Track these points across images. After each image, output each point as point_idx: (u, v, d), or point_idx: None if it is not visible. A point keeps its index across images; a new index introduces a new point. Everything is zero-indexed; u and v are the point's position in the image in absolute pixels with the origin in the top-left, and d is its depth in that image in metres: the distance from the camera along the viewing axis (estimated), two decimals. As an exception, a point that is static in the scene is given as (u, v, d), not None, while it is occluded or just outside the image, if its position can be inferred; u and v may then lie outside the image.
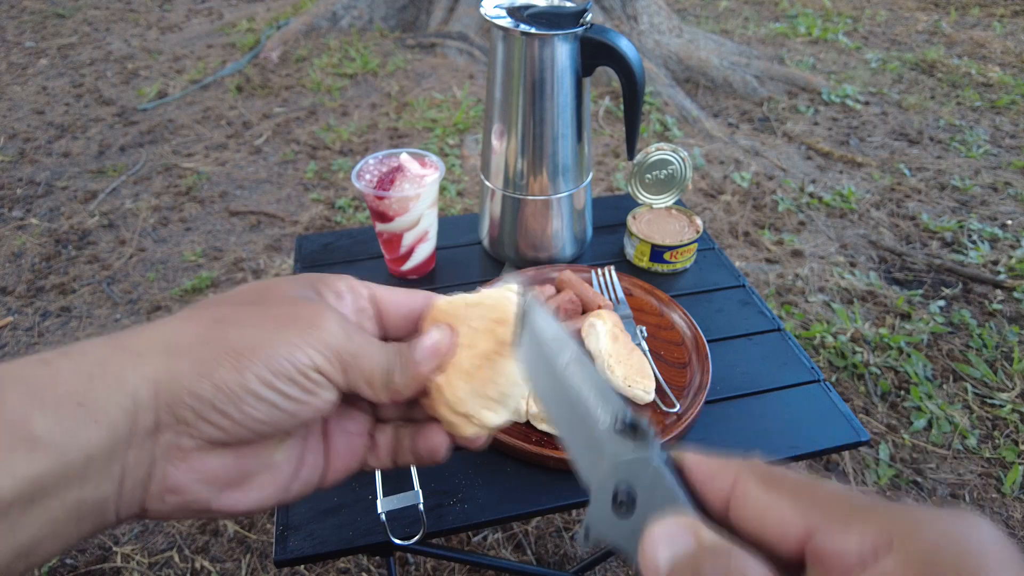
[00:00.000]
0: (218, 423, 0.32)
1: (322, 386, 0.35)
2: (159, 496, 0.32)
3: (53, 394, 0.29)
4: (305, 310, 0.36)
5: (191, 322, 0.34)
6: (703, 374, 0.77)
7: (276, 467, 0.36)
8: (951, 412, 1.55)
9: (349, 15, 3.63)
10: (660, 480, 0.27)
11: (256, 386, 0.32)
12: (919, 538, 0.21)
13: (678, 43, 3.25)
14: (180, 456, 0.32)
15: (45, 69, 3.31)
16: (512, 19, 0.82)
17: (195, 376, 0.32)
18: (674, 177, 0.99)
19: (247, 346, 0.33)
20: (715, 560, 0.24)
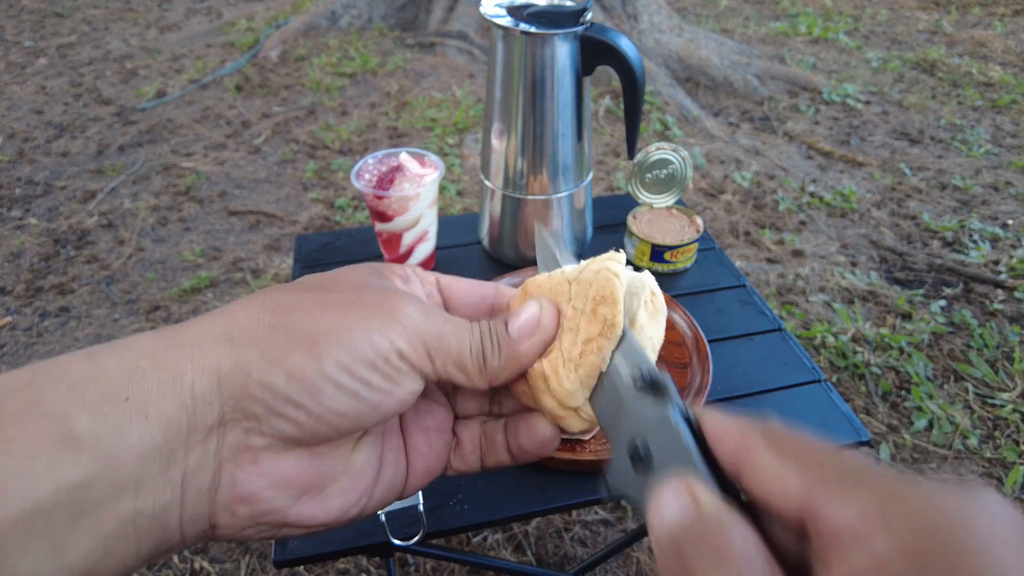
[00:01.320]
0: (293, 417, 0.28)
1: (406, 374, 0.30)
2: (228, 507, 0.28)
3: (96, 389, 0.26)
4: (376, 293, 0.32)
5: (250, 310, 0.30)
6: (703, 374, 0.77)
7: (356, 470, 0.32)
8: (952, 412, 1.55)
9: (348, 14, 3.63)
10: (676, 437, 0.27)
11: (336, 373, 0.28)
12: (915, 514, 0.20)
13: (678, 42, 3.25)
14: (250, 457, 0.28)
15: (44, 68, 3.31)
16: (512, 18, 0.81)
17: (265, 364, 0.28)
18: (674, 177, 0.99)
19: (320, 331, 0.29)
20: (702, 529, 0.23)
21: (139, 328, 1.81)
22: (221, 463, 0.28)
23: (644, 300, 0.34)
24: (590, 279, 0.33)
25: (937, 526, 0.19)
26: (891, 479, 0.21)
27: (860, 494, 0.21)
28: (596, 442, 0.70)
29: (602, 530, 1.32)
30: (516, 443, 0.35)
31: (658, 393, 0.29)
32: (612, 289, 0.32)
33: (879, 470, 0.22)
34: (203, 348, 0.28)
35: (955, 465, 1.45)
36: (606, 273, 0.32)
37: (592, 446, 0.70)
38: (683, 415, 0.28)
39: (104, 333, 1.80)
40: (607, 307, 0.31)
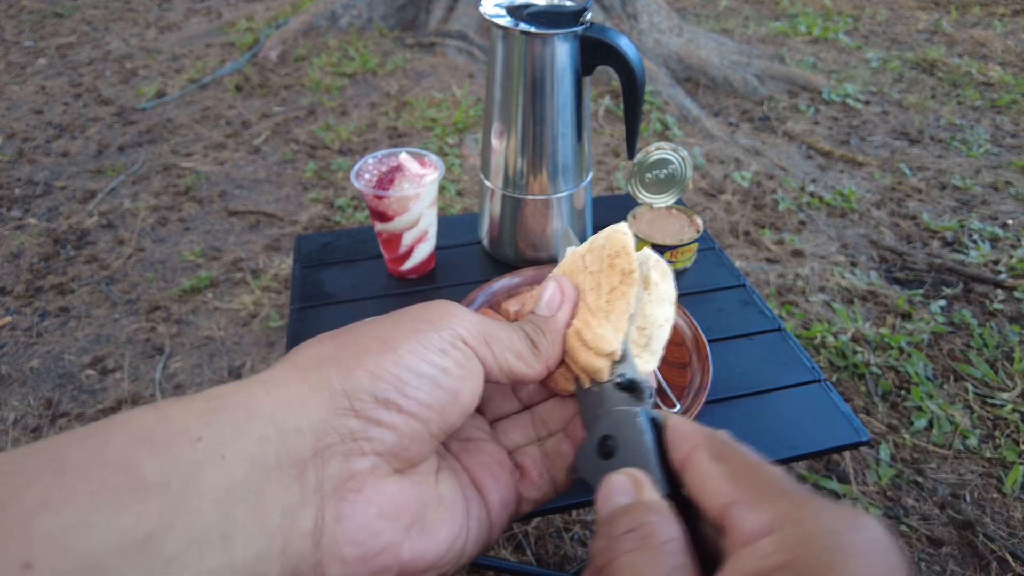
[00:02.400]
0: (388, 422, 0.27)
1: (472, 361, 0.31)
2: (336, 553, 0.26)
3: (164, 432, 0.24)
4: (421, 308, 0.33)
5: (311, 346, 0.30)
6: (703, 374, 0.77)
7: (447, 501, 0.31)
8: (952, 412, 1.55)
9: (348, 14, 3.63)
10: (639, 436, 0.30)
11: (413, 362, 0.29)
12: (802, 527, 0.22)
13: (678, 42, 3.25)
14: (354, 486, 0.27)
15: (43, 68, 3.31)
16: (512, 18, 0.81)
17: (345, 373, 0.27)
18: (674, 176, 0.99)
19: (387, 336, 0.30)
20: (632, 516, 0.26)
21: (139, 328, 1.81)
22: (324, 498, 0.26)
23: (652, 264, 0.38)
24: (601, 243, 0.38)
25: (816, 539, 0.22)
26: (795, 495, 0.24)
27: (766, 506, 0.24)
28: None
29: (602, 530, 1.32)
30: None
31: (634, 395, 0.32)
32: (624, 243, 0.37)
33: (789, 486, 0.25)
34: (276, 382, 0.27)
35: (955, 464, 1.45)
36: (616, 233, 0.37)
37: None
38: (650, 418, 0.31)
39: (104, 333, 1.80)
40: (622, 258, 0.36)
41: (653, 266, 0.37)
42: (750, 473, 0.26)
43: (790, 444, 0.72)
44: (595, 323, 0.35)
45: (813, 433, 0.74)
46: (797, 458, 0.72)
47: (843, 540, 0.21)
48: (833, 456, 1.47)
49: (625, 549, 0.25)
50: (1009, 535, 1.32)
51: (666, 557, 0.24)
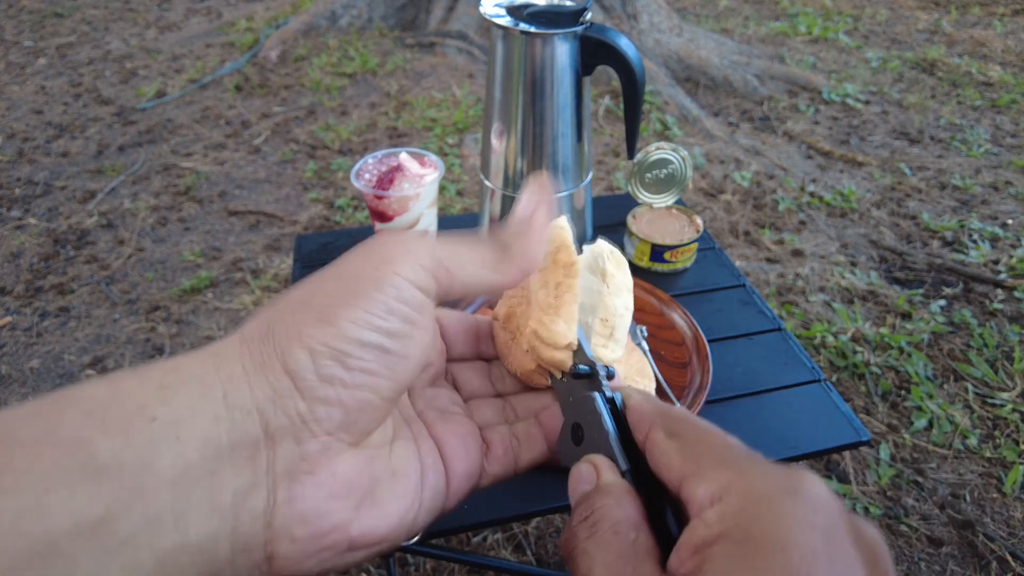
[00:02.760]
0: (333, 397, 0.26)
1: (422, 310, 0.29)
2: (287, 531, 0.25)
3: (118, 411, 0.23)
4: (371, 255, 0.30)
5: (260, 313, 0.29)
6: (703, 374, 0.77)
7: (401, 471, 0.31)
8: (952, 412, 1.55)
9: (348, 14, 3.63)
10: (598, 419, 0.31)
11: (354, 331, 0.27)
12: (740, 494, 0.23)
13: (678, 42, 3.25)
14: (307, 468, 0.26)
15: (43, 68, 3.31)
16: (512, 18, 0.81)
17: (283, 350, 0.26)
18: (674, 176, 0.99)
19: (326, 298, 0.28)
20: (585, 504, 0.26)
21: (139, 328, 1.81)
22: (276, 480, 0.25)
23: (606, 255, 0.39)
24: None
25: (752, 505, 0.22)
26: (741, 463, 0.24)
27: (714, 476, 0.24)
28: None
29: (602, 530, 1.32)
30: (555, 432, 0.36)
31: (590, 380, 0.34)
32: (562, 237, 0.37)
33: (737, 455, 0.25)
34: (224, 356, 0.26)
35: (955, 464, 1.45)
36: (554, 228, 0.38)
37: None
38: (606, 400, 0.32)
39: (104, 333, 1.80)
40: (563, 252, 0.37)
41: (608, 257, 0.38)
42: (699, 445, 0.26)
43: (790, 444, 0.72)
44: (548, 320, 0.35)
45: (813, 433, 0.74)
46: (797, 458, 0.72)
47: (777, 505, 0.22)
48: (833, 456, 1.47)
49: (581, 538, 0.25)
50: (1009, 535, 1.32)
51: (615, 539, 0.24)
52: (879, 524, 1.34)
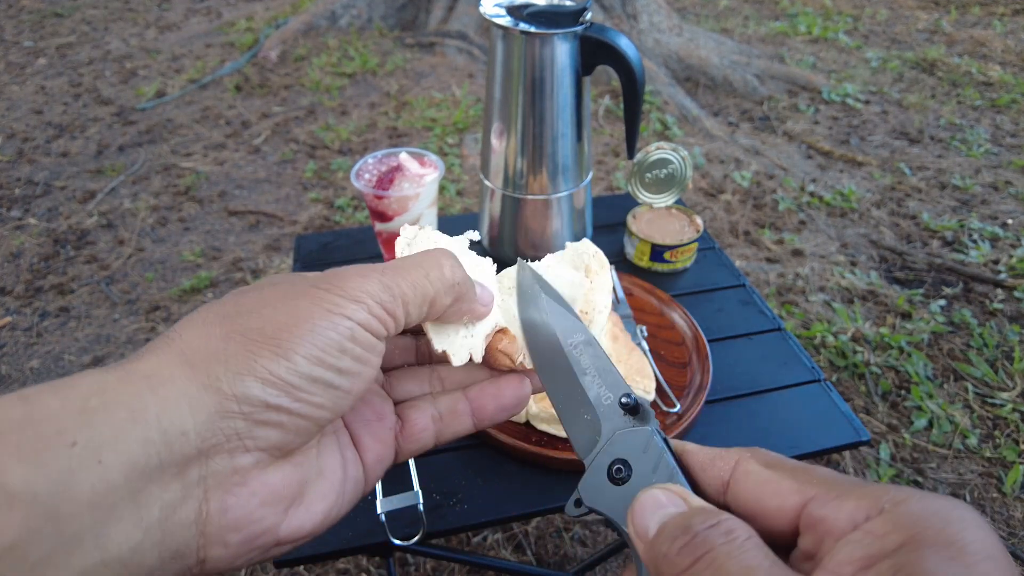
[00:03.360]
0: (275, 421, 0.27)
1: (373, 348, 0.30)
2: (220, 538, 0.26)
3: (33, 435, 0.22)
4: (327, 285, 0.30)
5: (195, 326, 0.28)
6: (703, 374, 0.77)
7: (327, 472, 0.32)
8: (952, 412, 1.55)
9: (348, 14, 3.63)
10: (659, 455, 0.30)
11: (308, 369, 0.27)
12: (908, 507, 0.23)
13: (678, 42, 3.25)
14: (238, 479, 0.27)
15: (43, 68, 3.31)
16: (512, 18, 0.81)
17: (235, 377, 0.26)
18: (674, 176, 0.99)
19: (279, 327, 0.28)
20: (705, 516, 0.25)
21: (139, 328, 1.81)
22: (207, 492, 0.26)
23: (591, 255, 0.39)
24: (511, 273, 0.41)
25: (930, 516, 0.22)
26: (883, 486, 0.24)
27: (857, 494, 0.24)
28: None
29: (602, 530, 1.32)
30: (483, 409, 0.36)
31: (641, 418, 0.32)
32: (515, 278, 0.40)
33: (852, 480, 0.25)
34: (162, 377, 0.26)
35: (955, 464, 1.45)
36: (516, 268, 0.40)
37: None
38: (662, 439, 0.31)
39: (104, 333, 1.80)
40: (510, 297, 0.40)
41: (592, 256, 0.39)
42: (813, 474, 0.26)
43: (790, 444, 0.72)
44: (507, 343, 0.37)
45: (813, 433, 0.74)
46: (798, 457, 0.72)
47: (955, 515, 0.22)
48: (833, 456, 1.47)
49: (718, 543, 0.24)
50: (1009, 535, 1.32)
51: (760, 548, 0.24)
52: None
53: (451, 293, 0.34)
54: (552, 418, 0.69)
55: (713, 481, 0.29)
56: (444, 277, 0.34)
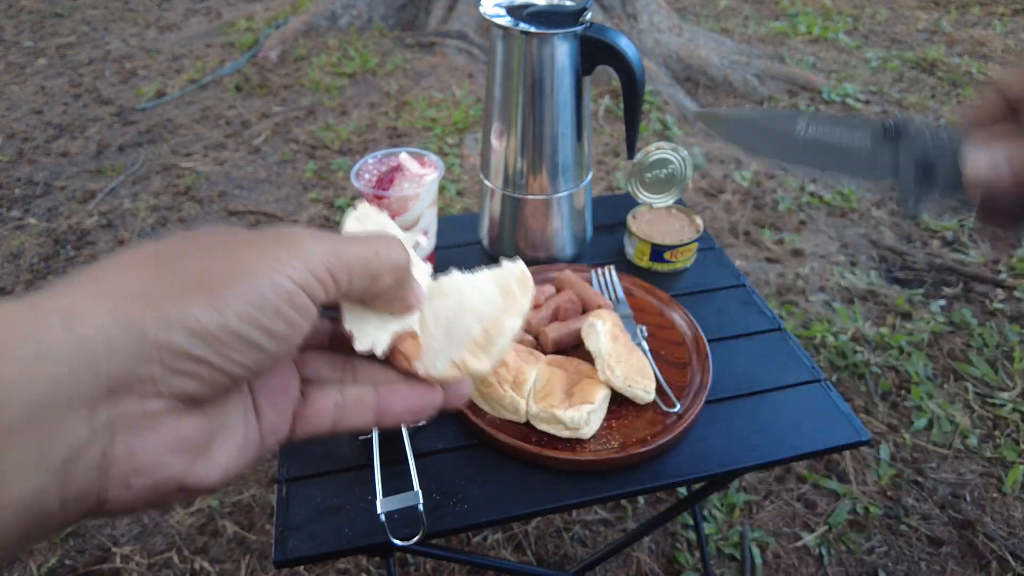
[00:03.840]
0: (194, 372, 0.26)
1: (306, 312, 0.29)
2: (123, 481, 0.25)
3: None
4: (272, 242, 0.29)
5: (126, 265, 0.27)
6: (703, 374, 0.77)
7: (230, 428, 0.31)
8: (952, 411, 1.55)
9: (348, 14, 3.63)
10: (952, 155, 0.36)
11: (240, 327, 0.26)
12: None
13: (678, 42, 3.25)
14: (148, 424, 0.26)
15: (43, 69, 3.31)
16: (512, 18, 0.81)
17: (162, 323, 0.25)
18: (674, 176, 0.99)
19: (216, 277, 0.26)
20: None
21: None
22: (114, 434, 0.25)
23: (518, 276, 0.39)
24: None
25: None
26: None
27: None
28: (595, 442, 0.70)
29: (602, 530, 1.32)
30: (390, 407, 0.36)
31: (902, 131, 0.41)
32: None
33: None
34: (79, 313, 0.24)
35: (955, 464, 1.45)
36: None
37: (592, 446, 0.70)
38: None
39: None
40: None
41: (515, 279, 0.38)
42: None
43: (790, 444, 0.72)
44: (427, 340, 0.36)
45: (813, 433, 0.74)
46: (797, 458, 0.73)
47: None
48: (833, 456, 1.47)
49: None
50: (1009, 534, 1.32)
51: None
52: (879, 524, 1.34)
53: (394, 275, 0.34)
54: (552, 418, 0.69)
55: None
56: (392, 257, 0.33)
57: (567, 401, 0.70)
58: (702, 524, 1.25)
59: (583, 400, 0.69)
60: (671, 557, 1.27)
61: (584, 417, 0.68)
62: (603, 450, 0.69)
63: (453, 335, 0.36)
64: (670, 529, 1.33)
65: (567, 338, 0.81)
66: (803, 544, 1.30)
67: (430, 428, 0.74)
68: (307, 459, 0.70)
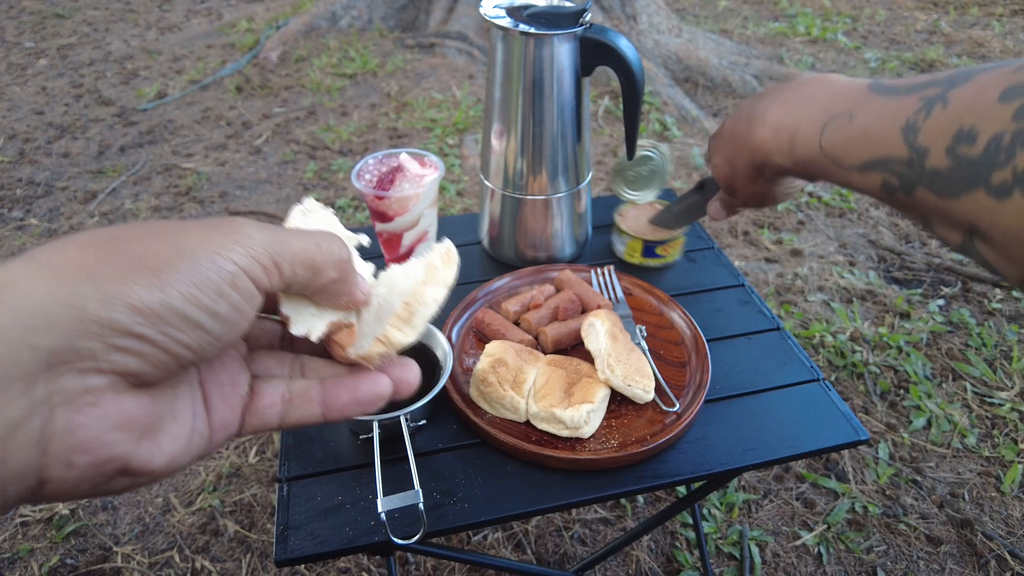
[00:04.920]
0: (136, 349, 0.26)
1: (252, 299, 0.30)
2: (64, 458, 0.25)
3: None
4: (213, 229, 0.30)
5: (70, 246, 0.27)
6: (702, 373, 0.77)
7: (179, 416, 0.31)
8: (950, 411, 1.56)
9: (348, 15, 3.63)
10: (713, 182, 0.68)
11: (182, 306, 0.26)
12: None
13: (677, 43, 3.25)
14: (89, 400, 0.25)
15: (44, 69, 3.31)
16: (511, 19, 0.82)
17: (104, 299, 0.25)
18: (655, 172, 1.00)
19: (160, 258, 0.27)
20: None
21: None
22: (53, 410, 0.24)
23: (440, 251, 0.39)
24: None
25: None
26: None
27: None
28: (595, 441, 0.71)
29: (602, 529, 1.33)
30: (336, 399, 0.36)
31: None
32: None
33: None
34: (17, 288, 0.24)
35: (953, 463, 1.46)
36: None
37: (591, 445, 0.70)
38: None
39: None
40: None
41: (438, 252, 0.39)
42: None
43: (789, 443, 0.73)
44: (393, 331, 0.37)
45: (812, 432, 0.74)
46: (796, 457, 0.73)
47: None
48: (832, 455, 1.48)
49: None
50: (1008, 533, 1.32)
51: None
52: (878, 523, 1.34)
53: (337, 268, 0.34)
54: (552, 418, 0.70)
55: None
56: (333, 251, 0.34)
57: (567, 400, 0.70)
58: (701, 523, 1.25)
59: (583, 399, 0.70)
60: (670, 556, 1.28)
61: (584, 416, 0.69)
62: (603, 449, 0.69)
63: (382, 317, 0.37)
64: (669, 528, 1.33)
65: (567, 338, 0.81)
66: (802, 543, 1.30)
67: (430, 427, 0.74)
68: (308, 458, 0.71)
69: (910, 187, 0.40)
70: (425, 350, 0.76)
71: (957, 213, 0.37)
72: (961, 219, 0.37)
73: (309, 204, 0.41)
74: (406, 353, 0.38)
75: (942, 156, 0.38)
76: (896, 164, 0.41)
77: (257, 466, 1.46)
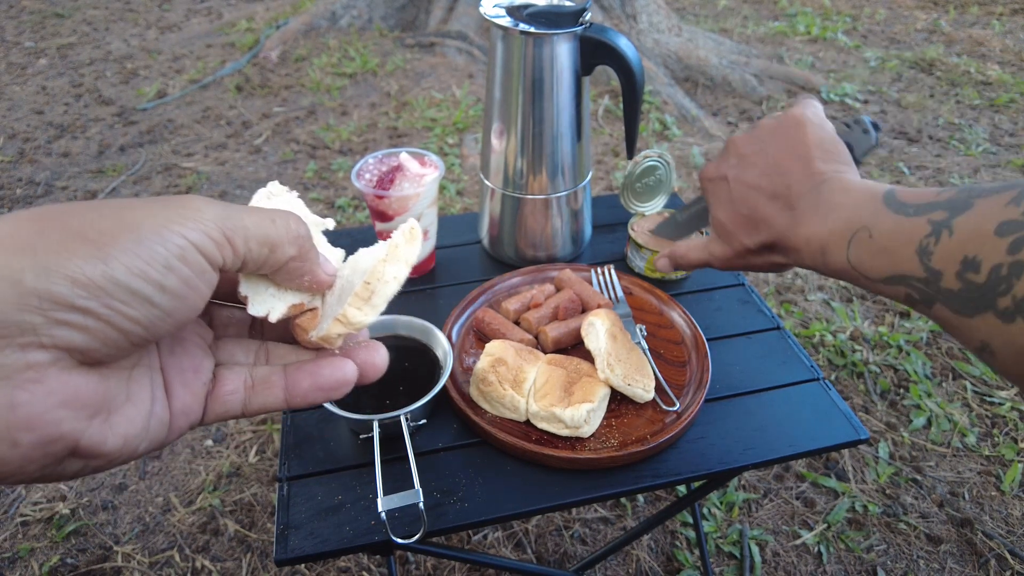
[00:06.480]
0: (79, 323, 0.25)
1: (204, 274, 0.29)
2: (7, 436, 0.24)
3: None
4: (161, 204, 0.29)
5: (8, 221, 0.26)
6: (703, 373, 0.77)
7: (135, 399, 0.30)
8: (950, 410, 1.56)
9: (348, 14, 3.63)
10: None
11: (127, 278, 0.25)
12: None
13: (677, 42, 3.25)
14: (32, 376, 0.24)
15: (44, 69, 3.31)
16: (511, 18, 0.82)
17: (41, 271, 0.24)
18: (661, 182, 0.99)
19: (103, 232, 0.26)
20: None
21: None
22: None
23: (403, 231, 0.38)
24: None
25: None
26: None
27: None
28: (595, 440, 0.71)
29: (602, 528, 1.33)
30: (298, 385, 0.36)
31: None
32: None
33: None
34: None
35: (953, 462, 1.46)
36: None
37: (591, 444, 0.70)
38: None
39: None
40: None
41: (401, 230, 0.39)
42: None
43: (789, 442, 0.73)
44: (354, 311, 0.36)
45: (812, 431, 0.74)
46: (796, 456, 0.73)
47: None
48: (832, 454, 1.48)
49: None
50: (1008, 532, 1.32)
51: None
52: (878, 522, 1.34)
53: (295, 244, 0.33)
54: (552, 417, 0.70)
55: None
56: (289, 227, 0.33)
57: (567, 400, 0.70)
58: (701, 522, 1.26)
59: (583, 399, 0.70)
60: (670, 555, 1.28)
61: (584, 416, 0.69)
62: (603, 448, 0.69)
63: (343, 298, 0.36)
64: (669, 527, 1.33)
65: (567, 337, 0.81)
66: (802, 542, 1.31)
67: (431, 427, 0.74)
68: (308, 458, 0.71)
69: (930, 302, 0.43)
70: (425, 350, 0.76)
71: (973, 330, 0.40)
72: (976, 336, 0.40)
73: (273, 187, 0.40)
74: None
75: (954, 279, 0.40)
76: (915, 281, 0.44)
77: (257, 465, 1.46)
